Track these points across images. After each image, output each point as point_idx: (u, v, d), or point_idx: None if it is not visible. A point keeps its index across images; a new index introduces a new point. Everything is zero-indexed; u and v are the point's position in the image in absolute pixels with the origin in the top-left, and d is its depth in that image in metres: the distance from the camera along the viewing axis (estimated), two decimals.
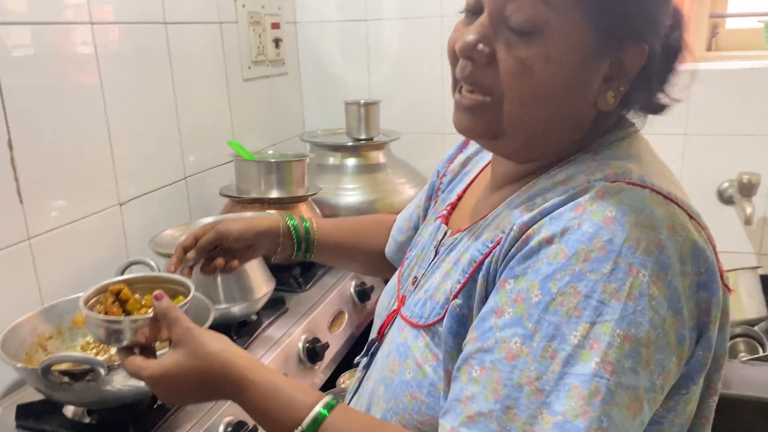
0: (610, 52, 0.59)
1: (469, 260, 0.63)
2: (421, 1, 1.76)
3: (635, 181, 0.57)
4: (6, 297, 0.98)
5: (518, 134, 0.63)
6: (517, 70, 0.58)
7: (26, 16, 1.00)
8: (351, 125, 1.66)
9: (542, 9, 0.56)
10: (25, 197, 1.00)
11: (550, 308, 0.53)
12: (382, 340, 0.77)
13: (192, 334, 0.66)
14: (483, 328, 0.56)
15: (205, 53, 1.46)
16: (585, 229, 0.54)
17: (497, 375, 0.53)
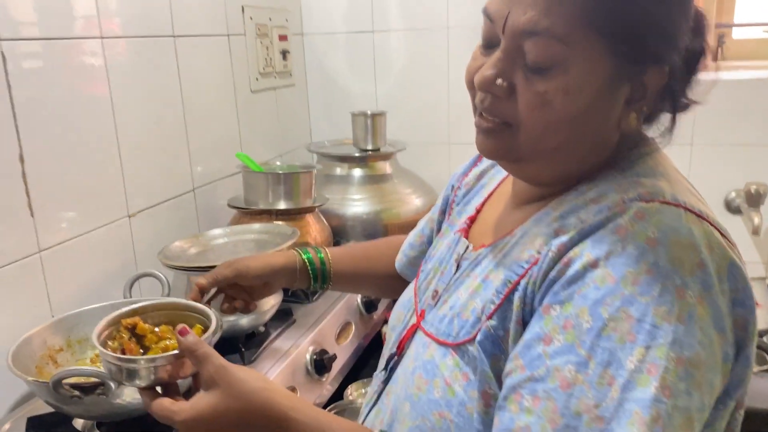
0: (631, 77, 0.60)
1: (503, 280, 0.62)
2: (427, 13, 1.77)
3: (669, 200, 0.57)
4: (17, 310, 0.99)
5: (538, 160, 0.64)
6: (537, 104, 0.59)
7: (38, 32, 1.01)
8: (358, 136, 1.67)
9: (559, 46, 0.57)
10: (36, 210, 1.01)
11: (603, 334, 0.52)
12: (402, 354, 0.76)
13: (227, 371, 0.62)
14: (530, 356, 0.55)
15: (213, 65, 1.47)
16: (629, 251, 0.54)
17: (553, 404, 0.52)
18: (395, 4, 1.80)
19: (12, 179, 0.97)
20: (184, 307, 0.73)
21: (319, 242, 1.38)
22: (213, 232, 1.26)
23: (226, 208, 1.41)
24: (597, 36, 0.57)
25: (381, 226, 1.58)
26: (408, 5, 1.79)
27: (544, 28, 0.57)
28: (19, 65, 0.97)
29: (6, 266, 0.97)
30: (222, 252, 1.19)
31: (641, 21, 0.57)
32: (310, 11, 1.87)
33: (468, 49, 1.92)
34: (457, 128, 1.83)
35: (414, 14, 1.79)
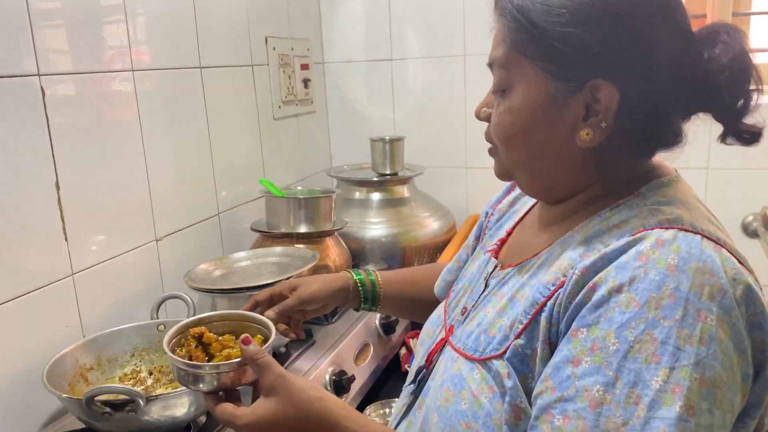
0: (576, 95, 0.65)
1: (531, 302, 0.66)
2: (445, 42, 1.82)
3: (687, 227, 0.60)
4: (51, 329, 1.04)
5: (520, 173, 0.73)
6: (495, 123, 0.72)
7: (73, 66, 1.07)
8: (376, 161, 1.72)
9: (504, 74, 0.69)
10: (70, 235, 1.07)
11: (629, 356, 0.55)
12: (430, 367, 0.79)
13: (286, 380, 0.67)
14: (560, 377, 0.58)
15: (237, 94, 1.53)
16: (652, 277, 0.57)
17: (582, 423, 0.55)
18: (413, 33, 1.86)
19: (49, 205, 1.03)
20: (246, 318, 0.78)
21: (338, 265, 1.42)
22: (236, 255, 1.31)
23: (248, 232, 1.46)
24: (527, 61, 0.67)
25: (399, 249, 1.62)
26: (425, 34, 1.84)
27: (493, 59, 0.71)
28: (55, 98, 1.03)
29: (42, 288, 1.02)
30: (245, 274, 1.23)
31: (561, 44, 0.64)
32: (330, 41, 1.94)
33: (484, 76, 1.98)
34: (474, 153, 1.87)
35: (431, 43, 1.84)
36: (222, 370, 0.68)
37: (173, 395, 0.86)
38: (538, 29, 0.65)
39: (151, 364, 1.08)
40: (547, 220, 0.76)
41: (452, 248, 1.58)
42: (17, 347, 0.98)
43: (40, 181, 1.01)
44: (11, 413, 0.97)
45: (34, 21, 0.99)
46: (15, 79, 0.96)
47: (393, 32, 1.87)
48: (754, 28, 1.75)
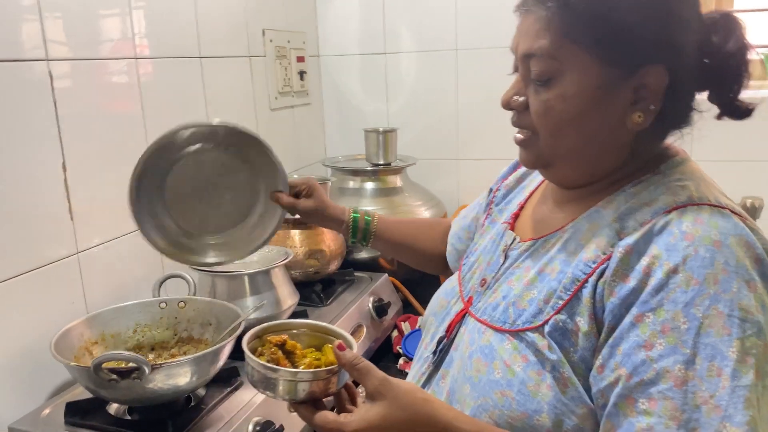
0: (624, 78, 0.68)
1: (571, 278, 0.68)
2: (437, 36, 1.87)
3: (713, 202, 0.65)
4: (57, 305, 1.08)
5: (563, 161, 0.74)
6: (542, 111, 0.71)
7: (81, 53, 1.11)
8: (370, 151, 1.76)
9: (551, 61, 0.69)
10: (76, 215, 1.11)
11: (702, 331, 0.59)
12: (451, 338, 0.81)
13: (391, 383, 0.66)
14: (634, 363, 0.61)
15: (235, 84, 1.57)
16: (702, 254, 0.61)
17: (671, 403, 0.58)
18: (406, 28, 1.90)
19: (56, 186, 1.07)
20: (320, 329, 0.77)
21: (333, 250, 1.46)
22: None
23: None
24: (580, 48, 0.67)
25: None
26: (418, 29, 1.89)
27: (537, 49, 0.69)
28: (63, 82, 1.07)
29: (49, 265, 1.06)
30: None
31: (616, 30, 0.66)
32: (326, 34, 1.98)
33: (474, 70, 2.06)
34: (465, 145, 1.92)
35: (424, 37, 1.89)
36: (319, 377, 0.66)
37: (176, 364, 0.90)
38: (594, 15, 0.66)
39: (153, 340, 1.12)
40: (563, 196, 0.79)
41: None
42: (25, 322, 1.02)
43: (48, 162, 1.05)
44: (19, 385, 1.01)
45: (43, 9, 1.03)
46: (25, 63, 1.00)
47: (387, 26, 1.92)
48: None
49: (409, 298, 1.62)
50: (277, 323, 0.77)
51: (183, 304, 1.13)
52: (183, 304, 1.13)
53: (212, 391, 1.02)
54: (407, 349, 1.41)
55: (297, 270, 1.41)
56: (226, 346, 0.97)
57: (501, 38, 0.88)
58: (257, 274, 1.19)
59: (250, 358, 0.69)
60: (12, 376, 1.00)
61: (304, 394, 0.67)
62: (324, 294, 1.42)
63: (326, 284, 1.48)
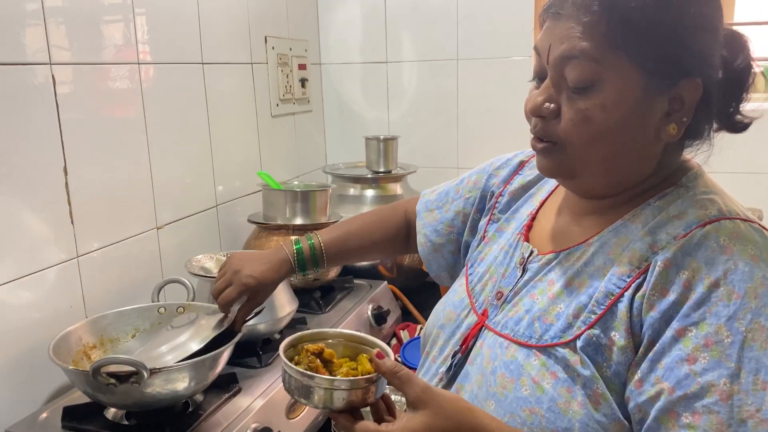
0: (663, 90, 0.67)
1: (604, 293, 0.68)
2: (439, 46, 1.88)
3: (742, 216, 0.66)
4: (55, 309, 1.08)
5: (590, 173, 0.71)
6: (579, 120, 0.67)
7: (83, 57, 1.12)
8: (371, 159, 1.77)
9: (594, 67, 0.66)
10: (76, 219, 1.11)
11: (746, 345, 0.59)
12: (466, 352, 0.79)
13: (434, 392, 0.65)
14: (677, 377, 0.60)
15: (237, 91, 1.58)
16: (742, 268, 0.61)
17: (716, 417, 0.58)
18: (408, 37, 1.92)
19: (57, 189, 1.07)
20: (356, 339, 0.76)
21: None
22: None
23: (245, 224, 1.50)
24: (625, 56, 0.65)
25: None
26: (420, 39, 1.90)
27: (579, 52, 0.66)
28: (66, 87, 1.08)
29: (48, 268, 1.06)
30: None
31: (663, 40, 0.65)
32: (327, 42, 1.99)
33: (475, 79, 2.08)
34: (465, 153, 1.92)
35: (425, 47, 1.90)
36: (360, 386, 0.66)
37: (175, 369, 0.90)
38: (640, 24, 0.64)
39: None
40: (583, 208, 0.77)
41: None
42: (23, 325, 1.02)
43: (49, 165, 1.06)
44: (17, 388, 1.01)
45: (47, 15, 1.03)
46: (28, 66, 1.01)
47: (388, 35, 1.93)
48: None
49: (408, 306, 1.61)
50: (311, 332, 0.75)
51: (182, 309, 1.12)
52: (182, 309, 1.12)
53: (210, 396, 1.02)
54: (406, 357, 1.40)
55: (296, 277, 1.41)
56: (225, 352, 0.97)
57: (502, 49, 0.88)
58: None
59: (288, 365, 0.68)
60: (10, 380, 1.00)
61: (343, 403, 0.66)
62: (323, 301, 1.42)
63: (325, 291, 1.48)
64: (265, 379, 1.09)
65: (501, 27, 1.81)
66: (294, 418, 1.07)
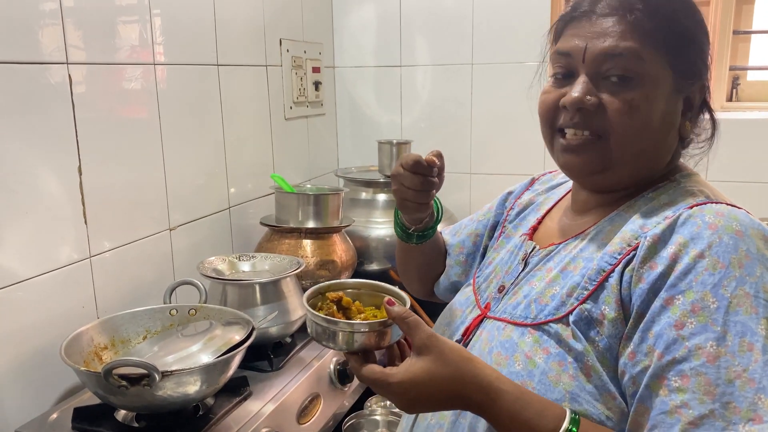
0: (684, 89, 0.74)
1: (596, 270, 0.71)
2: (454, 51, 1.87)
3: (729, 203, 0.70)
4: (67, 309, 1.08)
5: (624, 166, 0.75)
6: (626, 110, 0.71)
7: (100, 57, 1.12)
8: (383, 163, 1.76)
9: (636, 61, 0.71)
10: (89, 219, 1.11)
11: (731, 310, 0.61)
12: (467, 341, 0.82)
13: (438, 340, 0.67)
14: (665, 342, 0.62)
15: (251, 93, 1.58)
16: (726, 241, 0.64)
17: (704, 378, 0.59)
18: (422, 41, 1.91)
19: (71, 189, 1.07)
20: (377, 287, 0.79)
21: (344, 261, 1.46)
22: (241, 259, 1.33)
23: (258, 227, 1.50)
24: (663, 53, 0.71)
25: None
26: (434, 43, 1.90)
27: (624, 49, 0.71)
28: (82, 86, 1.08)
29: (61, 269, 1.06)
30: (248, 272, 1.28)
31: (690, 41, 0.73)
32: (342, 46, 1.99)
33: (490, 85, 2.06)
34: (478, 159, 1.91)
35: (440, 51, 1.89)
36: (372, 329, 0.68)
37: (187, 372, 0.89)
38: (676, 28, 0.72)
39: None
40: (586, 204, 0.82)
41: None
42: (36, 325, 1.02)
43: (64, 165, 1.05)
44: (27, 388, 1.01)
45: (65, 15, 1.03)
46: (45, 66, 1.01)
47: (403, 40, 1.92)
48: (754, 47, 1.80)
49: (418, 311, 1.60)
50: (337, 282, 0.80)
51: (194, 311, 1.12)
52: (194, 312, 1.12)
53: (221, 400, 1.01)
54: None
55: (308, 280, 1.40)
56: (237, 356, 0.96)
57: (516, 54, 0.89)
58: (268, 284, 1.18)
59: (310, 311, 0.72)
60: (21, 379, 1.00)
61: (358, 345, 0.69)
62: None
63: None
64: (276, 383, 1.08)
65: (516, 32, 1.80)
66: (305, 423, 1.06)
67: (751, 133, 1.65)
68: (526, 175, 1.04)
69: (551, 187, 0.96)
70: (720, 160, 1.68)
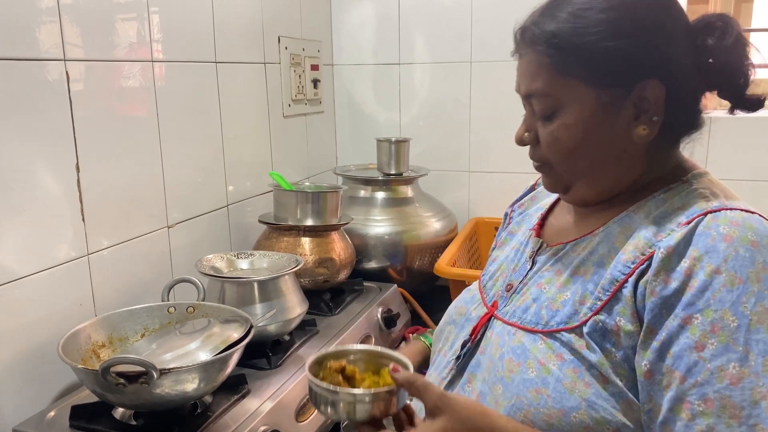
0: (622, 99, 0.71)
1: (610, 279, 0.70)
2: (452, 48, 1.87)
3: (743, 208, 0.68)
4: (65, 307, 1.07)
5: (580, 183, 0.77)
6: (549, 141, 0.76)
7: (97, 53, 1.11)
8: (382, 161, 1.76)
9: (549, 100, 0.74)
10: (87, 216, 1.10)
11: (752, 328, 0.60)
12: (475, 341, 0.82)
13: (449, 399, 0.67)
14: (687, 364, 0.61)
15: (249, 90, 1.57)
16: (742, 254, 0.63)
17: (729, 401, 0.59)
18: (421, 39, 1.90)
19: (69, 186, 1.06)
20: (379, 354, 0.78)
21: (343, 259, 1.45)
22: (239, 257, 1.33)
23: (256, 224, 1.49)
24: (573, 80, 0.72)
25: (401, 247, 1.65)
26: (433, 41, 1.89)
27: (535, 90, 0.75)
28: (80, 83, 1.07)
29: (59, 266, 1.05)
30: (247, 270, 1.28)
31: (602, 56, 0.70)
32: (340, 44, 1.98)
33: (488, 83, 2.06)
34: (477, 157, 1.91)
35: (438, 49, 1.89)
36: (379, 396, 0.68)
37: (185, 370, 0.89)
38: (580, 49, 0.70)
39: None
40: (588, 207, 0.81)
41: (453, 248, 1.62)
42: (33, 322, 1.01)
43: (62, 161, 1.05)
44: (25, 386, 1.00)
45: (62, 11, 1.03)
46: (43, 62, 1.00)
47: (401, 37, 1.92)
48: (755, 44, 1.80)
49: (417, 310, 1.60)
50: (335, 351, 0.79)
51: (192, 309, 1.12)
52: (192, 309, 1.12)
53: (219, 398, 1.01)
54: None
55: (306, 278, 1.40)
56: (235, 354, 0.96)
57: None
58: (267, 282, 1.18)
59: (313, 381, 0.71)
60: (18, 377, 0.99)
61: (365, 414, 0.69)
62: (333, 303, 1.41)
63: (335, 293, 1.47)
64: (274, 381, 1.08)
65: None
66: (303, 420, 1.06)
67: (750, 131, 1.64)
68: (524, 173, 1.04)
69: None
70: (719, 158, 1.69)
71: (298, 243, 1.41)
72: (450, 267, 1.49)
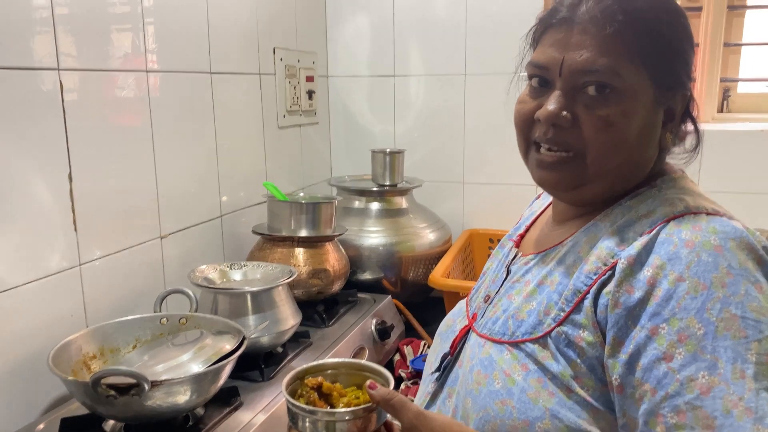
0: (665, 101, 0.72)
1: (573, 290, 0.69)
2: (447, 61, 1.88)
3: (710, 211, 0.67)
4: (56, 317, 1.06)
5: (601, 181, 0.72)
6: (602, 126, 0.69)
7: (91, 63, 1.11)
8: (376, 172, 1.76)
9: (614, 77, 0.68)
10: (80, 226, 1.09)
11: (719, 335, 0.58)
12: (455, 354, 0.81)
13: (426, 417, 0.66)
14: (656, 377, 0.60)
15: (244, 101, 1.57)
16: (705, 258, 0.61)
17: (701, 412, 0.57)
18: (416, 51, 1.91)
19: (61, 196, 1.06)
20: (357, 367, 0.77)
21: (337, 270, 1.45)
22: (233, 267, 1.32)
23: (250, 235, 1.49)
24: (641, 67, 0.68)
25: (396, 258, 1.65)
26: (428, 53, 1.90)
27: (601, 65, 0.68)
28: (73, 93, 1.07)
29: (50, 276, 1.04)
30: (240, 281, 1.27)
31: (673, 53, 0.70)
32: (335, 55, 1.99)
33: (483, 95, 2.08)
34: (471, 169, 1.91)
35: (433, 61, 1.90)
36: (356, 415, 0.67)
37: (177, 381, 0.88)
38: (655, 38, 0.69)
39: None
40: (565, 213, 0.80)
41: (447, 260, 1.62)
42: (22, 333, 1.00)
43: (54, 171, 1.04)
44: (14, 398, 0.99)
45: (56, 22, 1.02)
46: (36, 72, 1.00)
47: (396, 49, 1.93)
48: (744, 59, 1.82)
49: (411, 321, 1.59)
50: (315, 365, 0.76)
51: (184, 320, 1.11)
52: (184, 321, 1.11)
53: (211, 410, 1.00)
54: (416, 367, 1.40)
55: (300, 289, 1.39)
56: (227, 366, 0.95)
57: (509, 64, 0.88)
58: (260, 293, 1.17)
59: (289, 400, 0.69)
60: (7, 389, 0.98)
61: None
62: (326, 315, 1.40)
63: (329, 305, 1.46)
64: (267, 393, 1.07)
65: (509, 42, 1.80)
66: None
67: (742, 144, 1.66)
68: (518, 184, 1.05)
69: (546, 195, 0.96)
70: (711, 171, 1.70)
71: (292, 254, 1.40)
72: (444, 278, 1.49)
